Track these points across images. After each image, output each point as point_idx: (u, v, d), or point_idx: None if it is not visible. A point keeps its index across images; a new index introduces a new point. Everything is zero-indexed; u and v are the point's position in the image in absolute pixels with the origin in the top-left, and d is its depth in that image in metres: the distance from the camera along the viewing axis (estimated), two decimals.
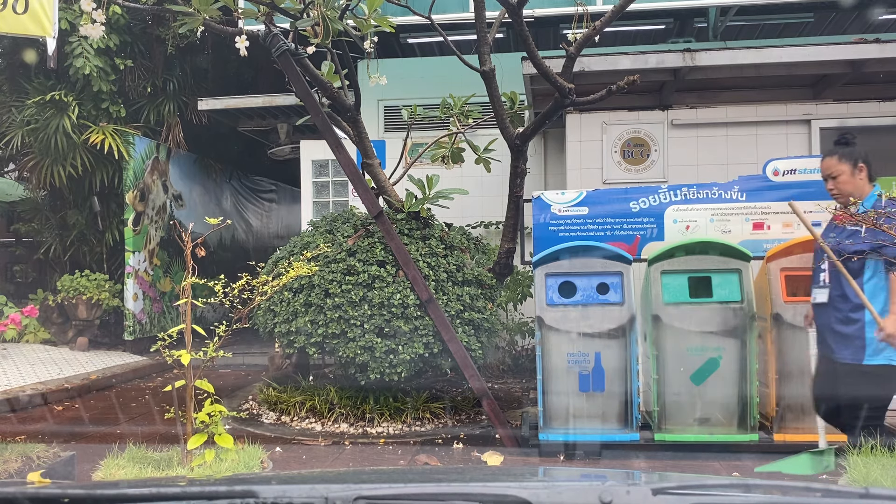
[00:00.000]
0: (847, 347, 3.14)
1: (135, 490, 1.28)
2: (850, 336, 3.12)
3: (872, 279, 3.11)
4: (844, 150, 3.29)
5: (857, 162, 3.24)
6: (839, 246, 3.19)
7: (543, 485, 1.27)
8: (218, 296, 3.67)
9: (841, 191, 3.28)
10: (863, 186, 3.25)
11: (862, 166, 3.24)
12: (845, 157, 3.26)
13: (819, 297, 3.31)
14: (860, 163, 3.24)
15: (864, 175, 3.25)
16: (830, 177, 3.29)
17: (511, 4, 4.33)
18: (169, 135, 9.20)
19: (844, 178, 3.25)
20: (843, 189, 3.27)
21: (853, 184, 3.25)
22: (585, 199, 4.94)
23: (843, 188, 3.27)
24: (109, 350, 8.75)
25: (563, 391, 4.50)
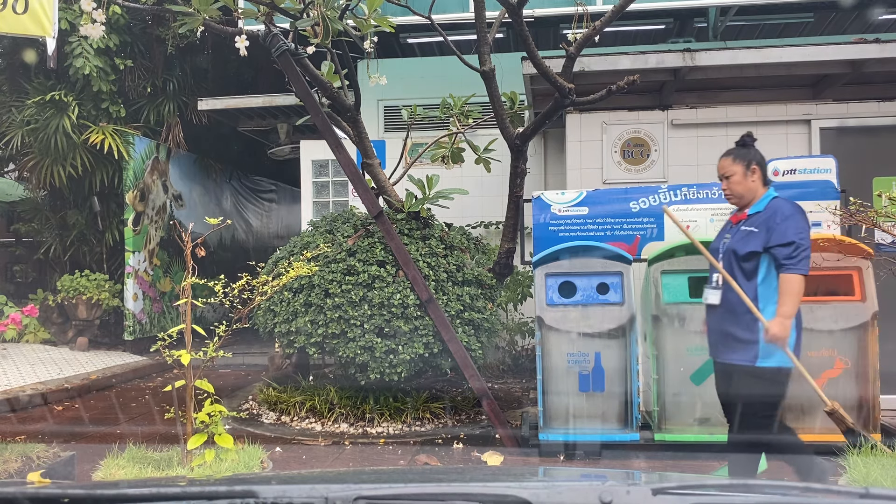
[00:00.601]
0: (739, 349, 3.10)
1: (135, 490, 1.28)
2: (743, 338, 3.09)
3: (765, 281, 3.09)
4: (739, 152, 3.26)
5: (750, 164, 3.20)
6: (733, 246, 3.17)
7: (543, 485, 1.27)
8: (218, 296, 3.67)
9: (733, 191, 3.25)
10: (755, 189, 3.21)
11: (755, 168, 3.20)
12: (739, 158, 3.23)
13: (711, 298, 3.28)
14: (753, 165, 3.20)
15: (756, 177, 3.20)
16: (724, 177, 3.26)
17: (511, 4, 4.33)
18: (169, 135, 9.20)
19: (737, 178, 3.22)
20: (734, 190, 3.24)
21: (745, 185, 3.21)
22: (585, 199, 4.94)
23: (735, 189, 3.23)
24: (109, 350, 8.75)
25: (563, 391, 4.50)
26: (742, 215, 3.24)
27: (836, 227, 4.63)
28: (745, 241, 3.12)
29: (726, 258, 3.21)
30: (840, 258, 4.40)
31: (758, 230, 3.10)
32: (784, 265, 3.01)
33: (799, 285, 3.00)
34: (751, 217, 3.19)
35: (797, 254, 2.99)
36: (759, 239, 3.08)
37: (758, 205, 3.20)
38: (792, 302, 2.98)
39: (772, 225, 3.06)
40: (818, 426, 4.41)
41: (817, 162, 4.86)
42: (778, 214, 3.08)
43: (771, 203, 3.17)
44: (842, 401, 4.38)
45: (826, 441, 4.29)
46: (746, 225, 3.17)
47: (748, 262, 3.11)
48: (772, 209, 3.13)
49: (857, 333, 4.38)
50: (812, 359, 4.41)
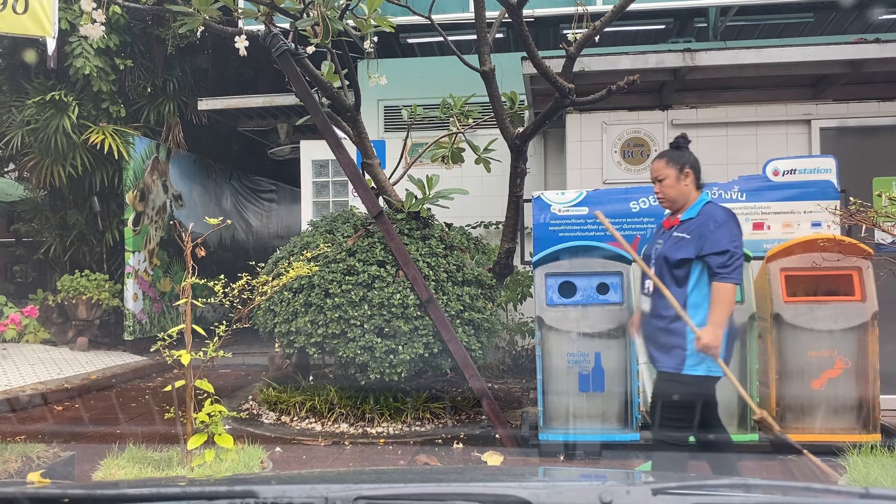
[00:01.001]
0: (669, 356, 3.05)
1: (135, 490, 1.28)
2: (673, 345, 3.04)
3: (696, 288, 3.03)
4: (673, 154, 3.20)
5: (683, 167, 3.15)
6: (665, 253, 3.11)
7: (543, 485, 1.27)
8: (218, 296, 3.67)
9: (665, 195, 3.19)
10: (688, 193, 3.15)
11: (688, 172, 3.14)
12: (672, 161, 3.17)
13: (644, 304, 3.24)
14: (686, 168, 3.14)
15: (689, 181, 3.15)
16: (657, 180, 3.20)
17: (511, 4, 4.33)
18: (169, 135, 9.20)
19: (669, 182, 3.16)
20: (667, 194, 3.18)
21: (677, 189, 3.16)
22: (585, 199, 4.94)
23: (668, 193, 3.18)
24: (109, 350, 8.75)
25: (563, 391, 4.50)
26: (675, 220, 3.17)
27: (836, 227, 4.63)
28: (677, 248, 3.06)
29: (658, 264, 3.15)
30: (840, 258, 4.40)
31: (690, 237, 3.03)
32: (718, 273, 2.94)
33: (731, 294, 2.95)
34: (683, 223, 3.12)
35: (731, 262, 2.94)
36: (692, 246, 3.01)
37: (690, 210, 3.14)
38: (724, 310, 2.93)
39: (705, 232, 2.99)
40: (818, 426, 4.41)
41: (817, 162, 4.86)
42: (711, 221, 3.01)
43: (704, 209, 3.10)
44: (842, 401, 4.39)
45: (826, 441, 4.30)
46: (679, 231, 3.10)
47: (680, 269, 3.05)
48: (705, 215, 3.06)
49: (857, 333, 4.38)
50: (812, 359, 4.41)
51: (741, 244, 3.02)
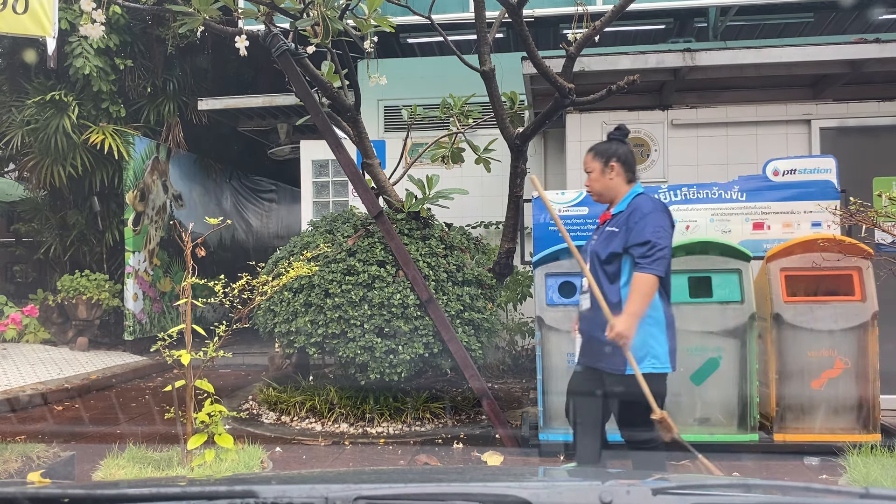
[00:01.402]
0: (610, 355, 2.97)
1: (135, 490, 1.28)
2: (613, 343, 2.93)
3: (629, 283, 2.96)
4: (600, 147, 3.14)
5: (608, 161, 3.08)
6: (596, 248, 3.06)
7: (543, 485, 1.27)
8: (218, 296, 3.67)
9: (591, 188, 3.13)
10: (614, 187, 3.09)
11: (613, 165, 3.07)
12: (599, 155, 3.11)
13: (583, 303, 3.16)
14: (612, 162, 3.07)
15: (615, 175, 3.08)
16: (586, 172, 3.15)
17: (511, 4, 4.33)
18: (169, 135, 9.20)
19: (594, 175, 3.10)
20: (592, 187, 3.13)
21: (602, 183, 3.10)
22: (585, 199, 4.94)
23: (593, 186, 3.13)
24: (109, 350, 8.75)
25: (563, 391, 4.47)
26: (608, 215, 3.12)
27: (836, 227, 4.63)
28: (606, 243, 3.01)
29: (591, 261, 3.08)
30: (840, 258, 4.40)
31: (619, 230, 2.98)
32: (638, 264, 2.88)
33: (650, 285, 2.86)
34: (615, 217, 3.07)
35: (652, 253, 2.86)
36: (620, 239, 2.96)
37: (621, 203, 3.08)
38: (641, 301, 2.85)
39: (630, 224, 2.94)
40: (818, 426, 4.41)
41: (817, 162, 4.86)
42: (636, 212, 2.95)
43: (633, 201, 3.04)
44: (842, 401, 4.39)
45: (826, 441, 4.30)
46: (610, 225, 3.05)
47: (611, 265, 3.00)
48: (632, 207, 3.00)
49: (857, 333, 4.38)
50: (812, 359, 4.41)
51: (667, 236, 2.93)
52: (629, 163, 3.11)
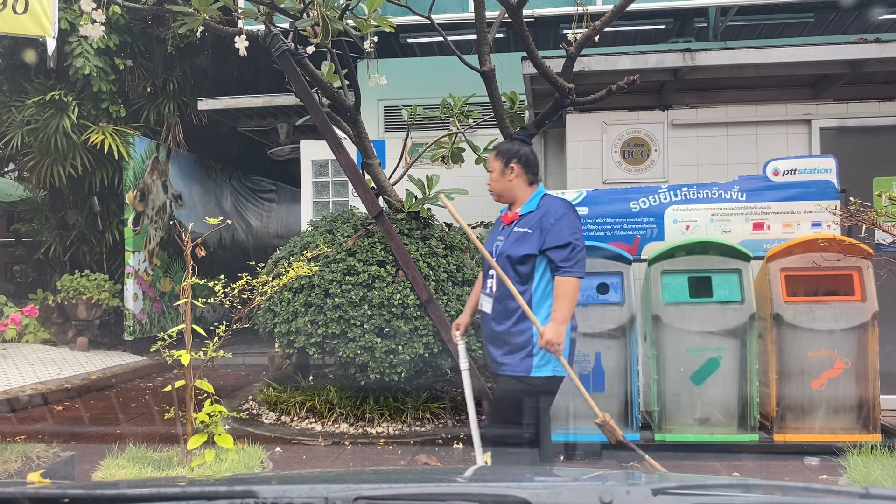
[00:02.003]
0: (515, 358, 2.91)
1: (135, 490, 1.28)
2: (519, 346, 2.90)
3: (540, 284, 2.92)
4: (502, 147, 3.08)
5: (508, 162, 3.02)
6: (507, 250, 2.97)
7: (543, 485, 1.27)
8: (218, 296, 3.67)
9: (492, 188, 3.08)
10: (514, 188, 3.03)
11: (513, 167, 3.01)
12: (500, 155, 3.05)
13: (486, 305, 3.05)
14: (512, 163, 3.01)
15: (514, 176, 3.02)
16: (488, 171, 3.09)
17: (511, 4, 4.33)
18: (169, 135, 9.20)
19: (494, 176, 3.05)
20: (492, 187, 3.07)
21: (502, 184, 3.04)
22: (585, 199, 4.94)
23: (493, 186, 3.07)
24: (109, 350, 8.75)
25: (563, 391, 4.45)
26: (514, 215, 3.04)
27: (836, 227, 4.63)
28: (518, 244, 2.93)
29: (500, 262, 2.98)
30: (840, 258, 4.40)
31: (531, 231, 2.91)
32: (561, 268, 2.84)
33: (575, 289, 2.85)
34: (523, 217, 2.99)
35: (573, 255, 2.84)
36: (534, 241, 2.89)
37: (529, 203, 3.01)
38: (568, 306, 2.82)
39: (545, 225, 2.88)
40: (818, 426, 4.41)
41: (817, 162, 4.86)
42: (551, 214, 2.90)
43: (542, 201, 2.99)
44: (842, 401, 4.40)
45: (826, 441, 4.31)
46: (519, 226, 2.98)
47: (523, 266, 2.92)
48: (544, 208, 2.95)
49: (857, 333, 4.38)
50: (812, 359, 4.42)
51: (582, 236, 2.92)
52: (530, 164, 3.05)
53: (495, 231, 3.15)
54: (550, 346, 2.77)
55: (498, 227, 3.13)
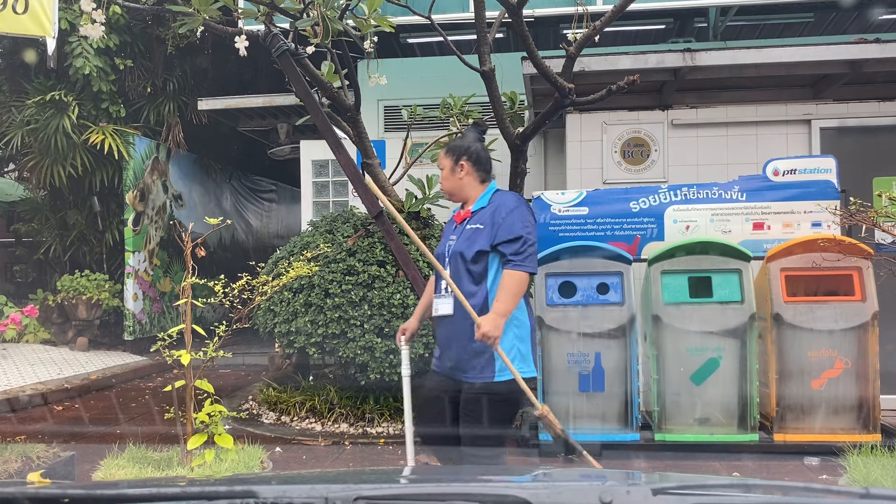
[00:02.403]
0: (476, 364, 2.77)
1: (135, 490, 1.28)
2: (479, 351, 2.75)
3: (496, 282, 2.80)
4: (453, 144, 3.00)
5: (458, 159, 2.93)
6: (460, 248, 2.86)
7: (543, 485, 1.27)
8: (218, 296, 3.67)
9: (443, 186, 2.99)
10: (464, 186, 2.95)
11: (463, 165, 2.92)
12: (450, 153, 2.96)
13: (442, 308, 2.87)
14: (462, 161, 2.92)
15: (464, 174, 2.93)
16: (439, 169, 3.00)
17: (511, 4, 4.33)
18: (169, 135, 9.20)
19: (445, 173, 2.96)
20: (443, 185, 2.98)
21: (452, 182, 2.95)
22: (585, 199, 4.94)
23: (444, 184, 2.98)
24: (109, 350, 8.75)
25: (563, 391, 4.50)
26: (466, 213, 2.95)
27: (836, 227, 4.63)
28: (471, 241, 2.83)
29: (454, 262, 2.86)
30: (840, 258, 4.40)
31: (483, 227, 2.82)
32: (511, 261, 2.73)
33: (523, 283, 2.75)
34: (475, 214, 2.90)
35: (524, 249, 2.74)
36: (486, 236, 2.79)
37: (481, 199, 2.93)
38: (511, 300, 2.71)
39: (497, 220, 2.79)
40: (818, 426, 4.41)
41: (817, 162, 4.86)
42: (502, 208, 2.81)
43: (494, 197, 2.91)
44: (842, 401, 4.40)
45: (826, 441, 4.30)
46: (472, 223, 2.88)
47: (477, 264, 2.81)
48: (495, 203, 2.86)
49: (857, 333, 4.38)
50: (812, 359, 4.42)
51: (535, 231, 2.85)
52: (481, 162, 2.98)
53: (448, 231, 3.03)
54: (486, 338, 2.66)
55: (450, 227, 3.02)
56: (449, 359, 2.86)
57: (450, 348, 2.86)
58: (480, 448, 2.77)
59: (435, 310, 2.92)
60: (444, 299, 2.87)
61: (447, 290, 2.86)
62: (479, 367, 2.77)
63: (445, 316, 2.86)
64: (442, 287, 2.91)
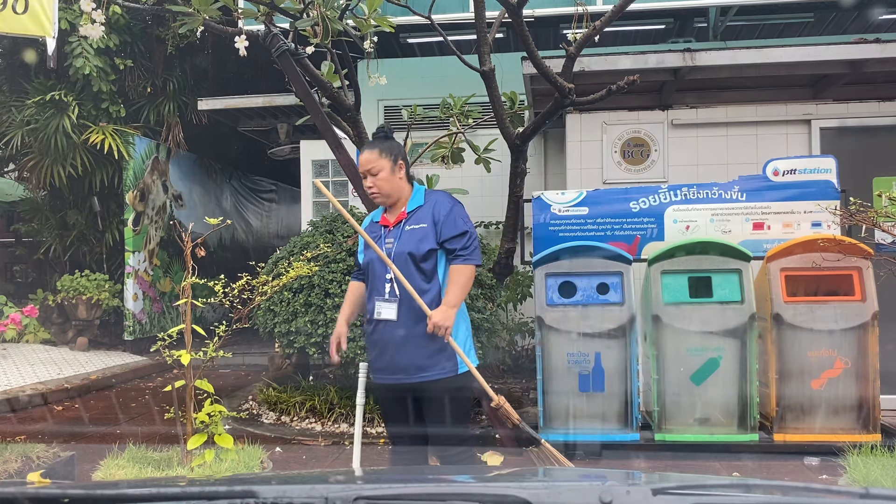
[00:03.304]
0: (437, 360, 2.79)
1: (135, 490, 1.28)
2: (439, 349, 2.78)
3: (445, 277, 2.86)
4: (385, 145, 2.94)
5: (397, 159, 2.93)
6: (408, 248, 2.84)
7: (543, 485, 1.27)
8: (218, 296, 3.67)
9: (380, 189, 2.91)
10: (402, 186, 2.96)
11: (401, 164, 2.95)
12: (386, 152, 2.91)
13: (386, 312, 2.82)
14: (400, 160, 2.94)
15: (402, 174, 2.95)
16: (370, 173, 2.90)
17: (511, 4, 4.32)
18: (169, 135, 9.20)
19: (384, 175, 2.90)
20: (382, 188, 2.91)
21: (392, 182, 2.92)
22: (585, 199, 4.94)
23: (383, 186, 2.91)
24: (109, 350, 8.75)
25: (563, 391, 4.50)
26: (401, 215, 2.93)
27: (836, 227, 4.63)
28: (420, 240, 2.84)
29: (400, 262, 2.83)
30: (840, 258, 4.40)
31: (427, 225, 2.85)
32: (459, 256, 2.81)
33: (471, 276, 2.84)
34: (413, 213, 2.91)
35: (470, 244, 2.83)
36: (431, 234, 2.84)
37: (415, 199, 2.95)
38: (461, 292, 2.79)
39: (438, 217, 2.84)
40: (818, 426, 4.41)
41: (817, 162, 4.86)
42: (441, 206, 2.87)
43: (428, 196, 2.95)
44: (842, 401, 4.40)
45: (826, 441, 4.30)
46: (411, 223, 2.89)
47: (427, 262, 2.84)
48: (431, 201, 2.91)
49: (857, 333, 4.38)
50: (812, 359, 4.42)
51: (472, 224, 2.93)
52: (408, 161, 3.05)
53: (375, 236, 2.95)
54: (438, 328, 2.70)
55: (377, 233, 2.96)
56: (396, 363, 2.83)
57: (398, 352, 2.82)
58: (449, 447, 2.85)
59: (377, 314, 2.85)
60: (388, 304, 2.83)
61: (391, 294, 2.82)
62: (440, 362, 2.80)
63: (391, 320, 2.82)
64: (385, 290, 2.85)
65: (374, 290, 2.90)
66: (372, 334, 2.92)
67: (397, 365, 2.83)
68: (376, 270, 2.89)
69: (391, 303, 2.83)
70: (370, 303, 2.91)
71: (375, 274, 2.89)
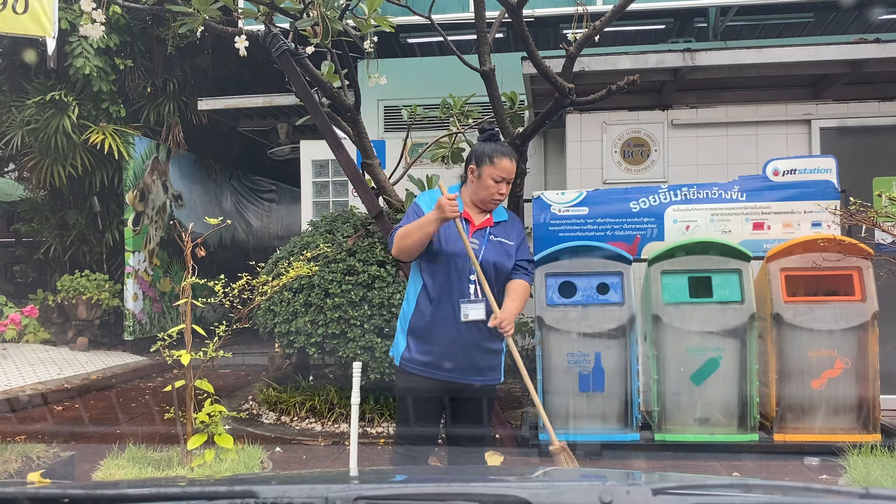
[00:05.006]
0: (493, 366, 2.87)
1: (135, 490, 1.28)
2: (497, 352, 2.88)
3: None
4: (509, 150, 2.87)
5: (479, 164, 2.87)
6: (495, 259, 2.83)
7: (543, 485, 1.27)
8: (218, 296, 3.67)
9: (504, 194, 2.84)
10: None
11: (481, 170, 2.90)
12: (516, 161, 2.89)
13: (473, 313, 2.78)
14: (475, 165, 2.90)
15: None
16: (507, 182, 2.82)
17: (511, 4, 4.32)
18: (169, 135, 9.20)
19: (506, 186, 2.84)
20: (504, 193, 2.84)
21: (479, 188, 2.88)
22: (585, 199, 4.94)
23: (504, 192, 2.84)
24: (109, 350, 8.75)
25: (563, 391, 4.50)
26: (487, 221, 2.88)
27: (836, 227, 4.63)
28: (507, 256, 2.87)
29: (486, 270, 2.80)
30: (840, 258, 4.40)
31: (514, 244, 2.90)
32: (529, 274, 2.94)
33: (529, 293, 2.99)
34: (499, 225, 2.90)
35: (533, 267, 3.03)
36: (513, 252, 2.89)
37: (500, 212, 2.93)
38: (521, 305, 2.90)
39: (518, 239, 2.94)
40: (818, 426, 4.41)
41: (817, 162, 4.86)
42: (520, 229, 2.99)
43: (507, 211, 3.00)
44: (842, 401, 4.40)
45: (826, 441, 4.31)
46: (498, 235, 2.87)
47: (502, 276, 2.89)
48: (513, 219, 2.98)
49: (857, 333, 4.38)
50: (812, 359, 4.42)
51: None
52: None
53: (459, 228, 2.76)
54: (502, 326, 2.74)
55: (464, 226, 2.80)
56: (457, 363, 2.80)
57: (464, 352, 2.80)
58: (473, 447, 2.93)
59: (464, 315, 2.78)
60: (475, 305, 2.79)
61: (476, 295, 2.80)
62: (494, 368, 2.90)
63: (481, 320, 2.78)
64: (470, 291, 2.80)
65: (452, 286, 2.80)
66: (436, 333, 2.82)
67: (451, 365, 2.80)
68: (458, 265, 2.80)
69: (478, 304, 2.79)
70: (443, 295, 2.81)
71: (457, 269, 2.80)
